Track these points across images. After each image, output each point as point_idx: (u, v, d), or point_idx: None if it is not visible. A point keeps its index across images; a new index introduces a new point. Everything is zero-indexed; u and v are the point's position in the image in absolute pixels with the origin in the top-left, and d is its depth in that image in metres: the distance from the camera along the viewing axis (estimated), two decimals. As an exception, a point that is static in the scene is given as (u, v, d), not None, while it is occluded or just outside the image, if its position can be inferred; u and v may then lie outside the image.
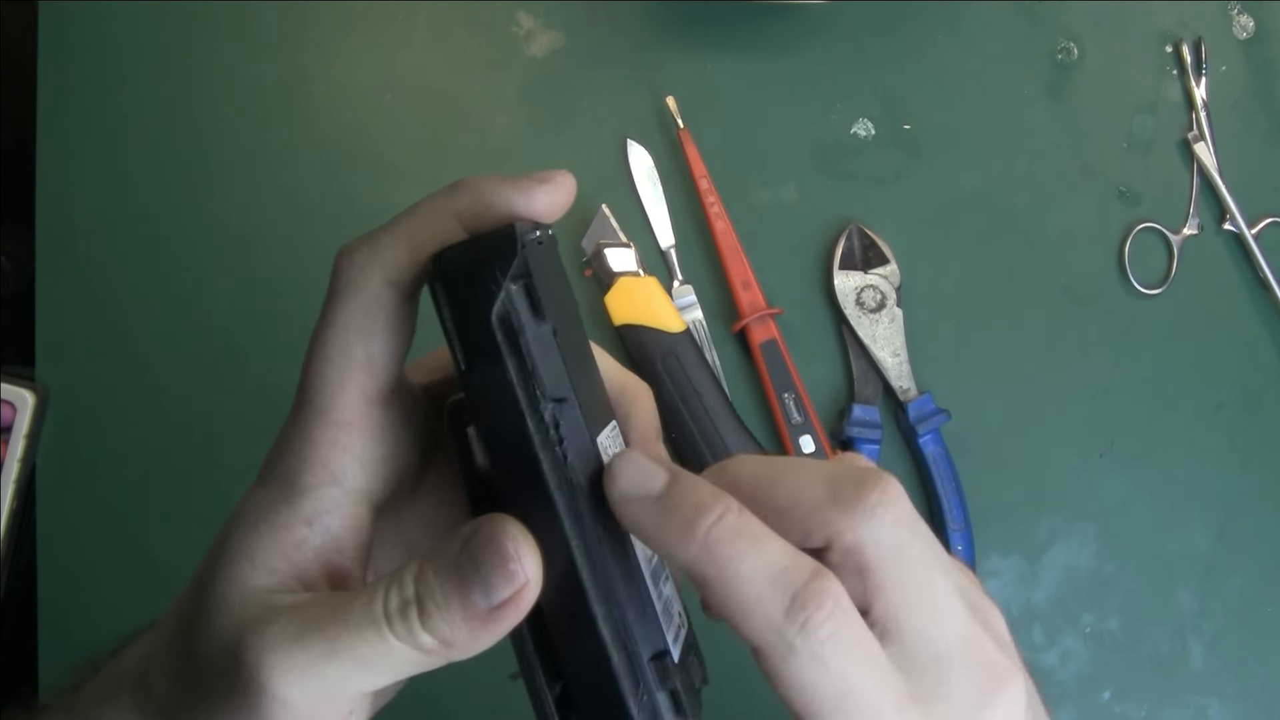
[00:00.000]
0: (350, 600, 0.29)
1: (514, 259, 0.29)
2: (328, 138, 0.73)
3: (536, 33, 0.74)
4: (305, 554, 0.31)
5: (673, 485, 0.30)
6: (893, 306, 0.71)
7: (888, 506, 0.30)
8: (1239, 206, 0.74)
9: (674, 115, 0.72)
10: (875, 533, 0.29)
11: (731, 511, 0.29)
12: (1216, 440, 0.73)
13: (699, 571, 0.29)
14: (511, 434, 0.29)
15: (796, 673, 0.28)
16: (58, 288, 0.70)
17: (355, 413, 0.32)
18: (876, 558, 0.29)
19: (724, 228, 0.71)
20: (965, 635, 0.30)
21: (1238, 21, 0.77)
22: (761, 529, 0.29)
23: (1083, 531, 0.71)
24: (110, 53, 0.73)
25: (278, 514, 0.31)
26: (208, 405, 0.69)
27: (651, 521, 0.30)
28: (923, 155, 0.74)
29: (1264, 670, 0.70)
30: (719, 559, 0.28)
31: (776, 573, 0.28)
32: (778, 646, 0.28)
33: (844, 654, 0.28)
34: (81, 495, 0.68)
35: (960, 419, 0.70)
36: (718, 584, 0.28)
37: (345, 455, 0.32)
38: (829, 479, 0.30)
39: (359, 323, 0.32)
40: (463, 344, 0.30)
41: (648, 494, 0.30)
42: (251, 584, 0.31)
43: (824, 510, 0.30)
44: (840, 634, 0.28)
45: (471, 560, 0.29)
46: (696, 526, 0.29)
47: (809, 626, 0.28)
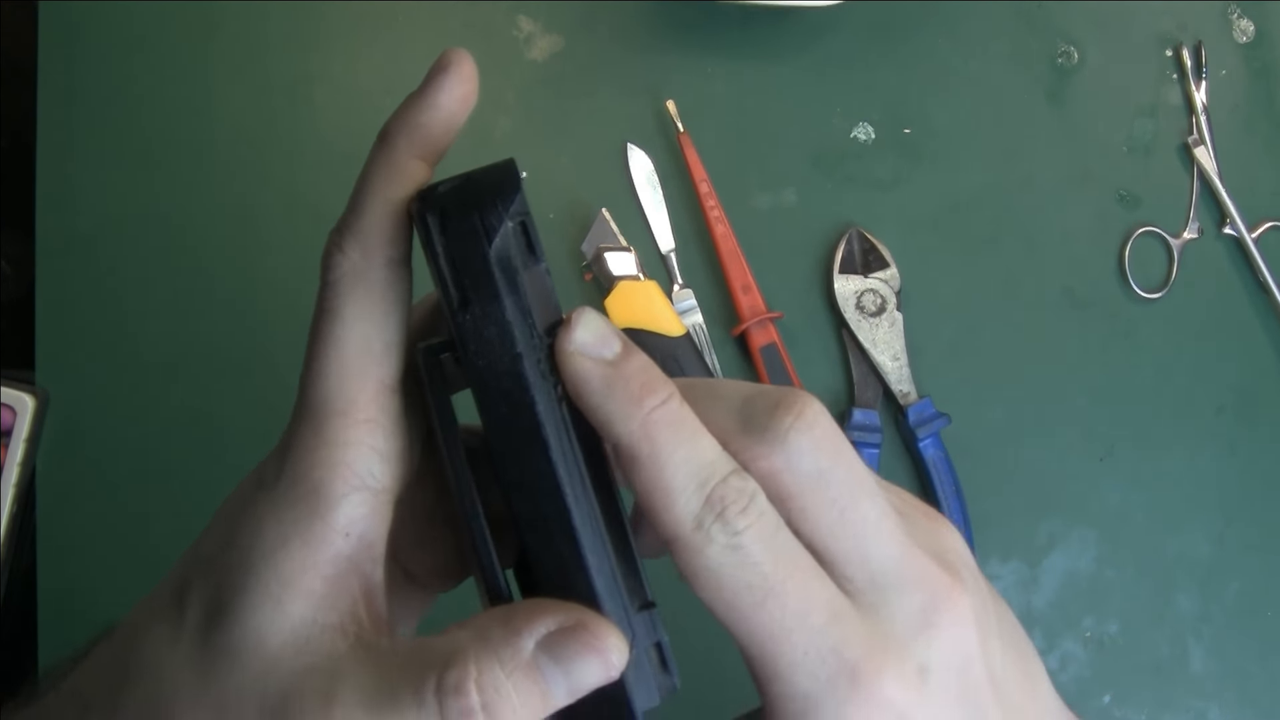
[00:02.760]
0: (395, 692, 0.27)
1: (517, 194, 0.29)
2: (329, 140, 0.73)
3: (537, 36, 0.74)
4: (341, 567, 0.29)
5: (626, 356, 0.29)
6: (893, 310, 0.71)
7: (803, 431, 0.29)
8: (1239, 210, 0.74)
9: (674, 119, 0.72)
10: (790, 459, 0.29)
11: (675, 398, 0.29)
12: (1216, 444, 0.73)
13: (633, 448, 0.28)
14: (507, 374, 0.29)
15: (712, 564, 0.27)
16: (58, 291, 0.70)
17: (376, 408, 0.30)
18: (794, 484, 0.29)
19: (724, 232, 0.71)
20: (898, 554, 0.29)
21: (1238, 25, 0.77)
22: (698, 424, 0.29)
23: (1083, 536, 0.71)
24: (111, 54, 0.73)
25: (310, 528, 0.29)
26: (208, 409, 0.69)
27: (599, 385, 0.29)
28: (923, 159, 0.74)
29: (1264, 674, 0.70)
30: (655, 440, 0.28)
31: (704, 464, 0.28)
32: (694, 537, 0.27)
33: (763, 547, 0.27)
34: (81, 499, 0.68)
35: (960, 423, 0.70)
36: (649, 465, 0.28)
37: (371, 455, 0.30)
38: (743, 403, 0.30)
39: (373, 313, 0.30)
40: (456, 282, 0.29)
41: (601, 355, 0.29)
42: (289, 613, 0.28)
43: (737, 438, 0.29)
44: (759, 526, 0.28)
45: (562, 665, 0.27)
46: (643, 403, 0.28)
47: (726, 516, 0.27)
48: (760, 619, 0.28)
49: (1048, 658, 0.70)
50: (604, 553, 0.29)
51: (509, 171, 0.29)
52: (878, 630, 0.28)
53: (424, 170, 0.32)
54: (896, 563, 0.29)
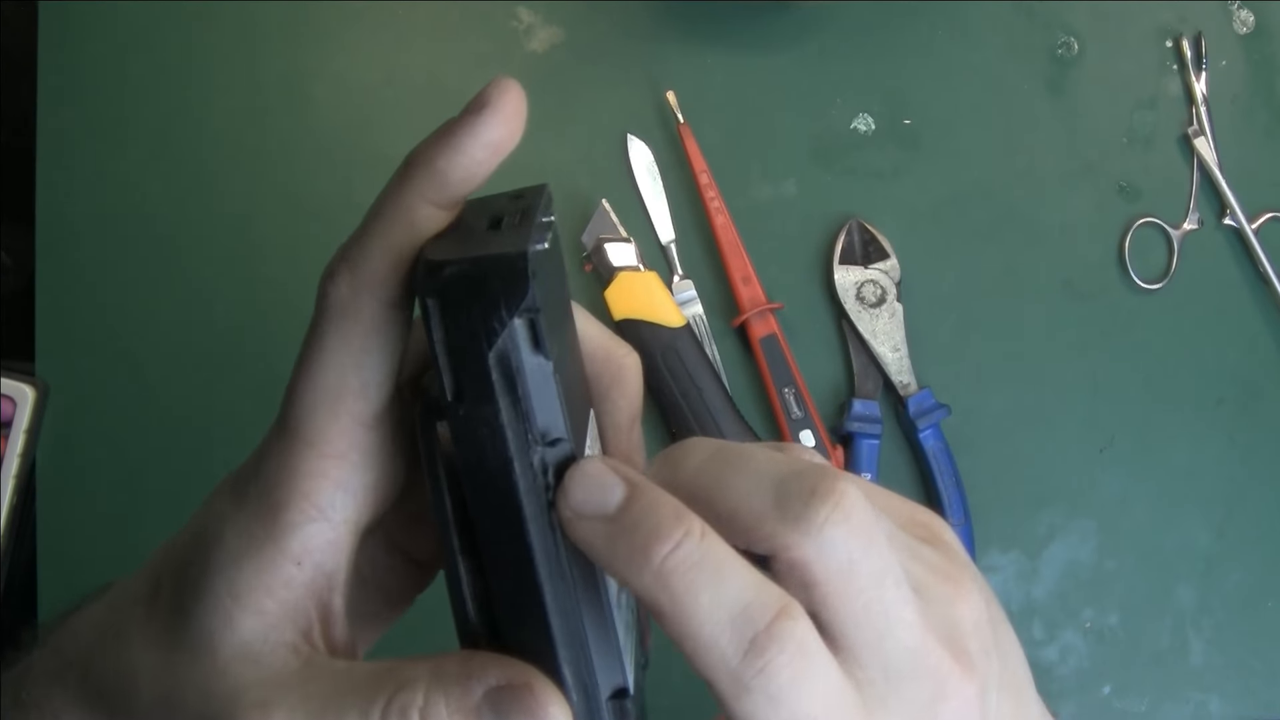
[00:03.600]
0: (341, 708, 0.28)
1: (524, 296, 0.26)
2: (328, 134, 0.73)
3: (536, 28, 0.74)
4: (295, 593, 0.29)
5: (629, 503, 0.28)
6: (893, 301, 0.71)
7: (838, 523, 0.27)
8: (1239, 201, 0.74)
9: (674, 110, 0.72)
10: (822, 550, 0.27)
11: (692, 536, 0.27)
12: (1217, 435, 0.73)
13: (654, 601, 0.27)
14: (496, 474, 0.28)
15: (750, 712, 0.26)
16: (58, 284, 0.70)
17: (345, 444, 0.29)
18: (824, 574, 0.28)
19: (724, 223, 0.71)
20: (914, 646, 0.28)
21: (1238, 16, 0.77)
22: (724, 556, 0.27)
23: (1083, 527, 0.71)
24: (110, 51, 0.73)
25: (262, 550, 0.29)
26: (207, 401, 0.70)
27: (603, 544, 0.27)
28: (923, 150, 0.74)
29: (1264, 665, 0.71)
30: (674, 591, 0.26)
31: (736, 611, 0.26)
32: (732, 687, 0.26)
33: (801, 694, 0.26)
34: (81, 490, 0.68)
35: (960, 414, 0.70)
36: (672, 618, 0.26)
37: (334, 489, 0.29)
38: (777, 485, 0.28)
39: (353, 349, 0.29)
40: (453, 374, 0.27)
41: (600, 513, 0.28)
42: (239, 628, 0.29)
43: (768, 523, 0.28)
44: (799, 678, 0.26)
45: (495, 714, 0.27)
46: (651, 554, 0.26)
47: (767, 672, 0.26)
48: None
49: (1048, 649, 0.70)
50: (576, 650, 0.28)
51: (518, 269, 0.26)
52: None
53: (437, 219, 0.30)
54: (910, 655, 0.28)
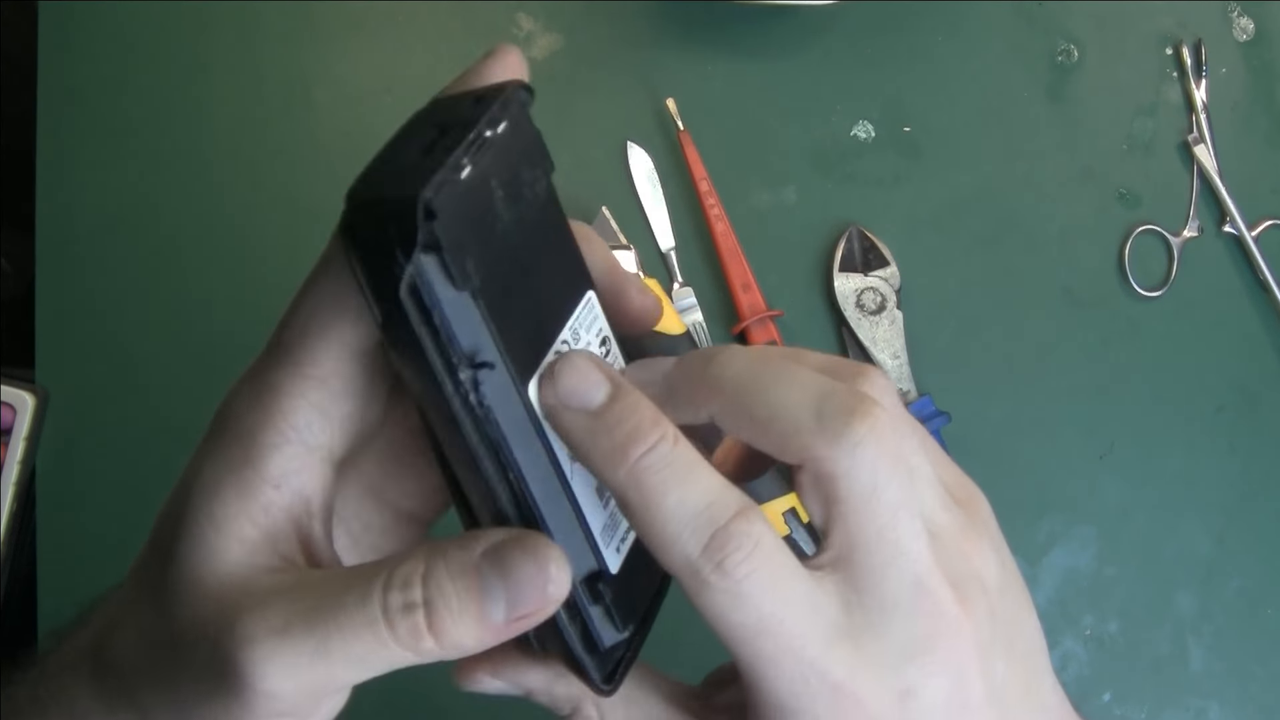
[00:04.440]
0: (341, 593, 0.28)
1: (416, 240, 0.26)
2: (328, 139, 0.73)
3: (536, 35, 0.74)
4: (275, 517, 0.29)
5: (611, 403, 0.29)
6: (893, 309, 0.71)
7: (871, 444, 0.28)
8: (1239, 209, 0.74)
9: (674, 117, 0.72)
10: (851, 468, 0.28)
11: (666, 440, 0.28)
12: (1217, 442, 0.73)
13: (623, 497, 0.28)
14: (427, 396, 0.28)
15: (711, 605, 0.27)
16: (58, 290, 0.70)
17: (330, 368, 0.29)
18: (846, 492, 0.28)
19: (724, 230, 0.71)
20: (919, 581, 0.29)
21: (1238, 24, 0.77)
22: (694, 461, 0.28)
23: (1083, 534, 0.71)
24: (110, 54, 0.73)
25: (240, 475, 0.29)
26: (207, 407, 0.69)
27: (582, 437, 0.28)
28: (923, 157, 0.74)
29: (1264, 672, 0.70)
30: (644, 489, 0.28)
31: (699, 509, 0.27)
32: (692, 581, 0.27)
33: (762, 591, 0.27)
34: (81, 497, 0.68)
35: (960, 421, 0.70)
36: (640, 513, 0.28)
37: (312, 410, 0.29)
38: (818, 399, 0.29)
39: (346, 297, 0.29)
40: (377, 304, 0.28)
41: (584, 406, 0.29)
42: (224, 557, 0.29)
43: (804, 435, 0.29)
44: (758, 573, 0.27)
45: (500, 570, 0.27)
46: (628, 453, 0.28)
47: (725, 566, 0.27)
48: (754, 648, 0.28)
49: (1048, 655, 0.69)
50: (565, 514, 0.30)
51: (408, 209, 0.26)
52: (869, 651, 0.28)
53: None
54: (911, 590, 0.29)
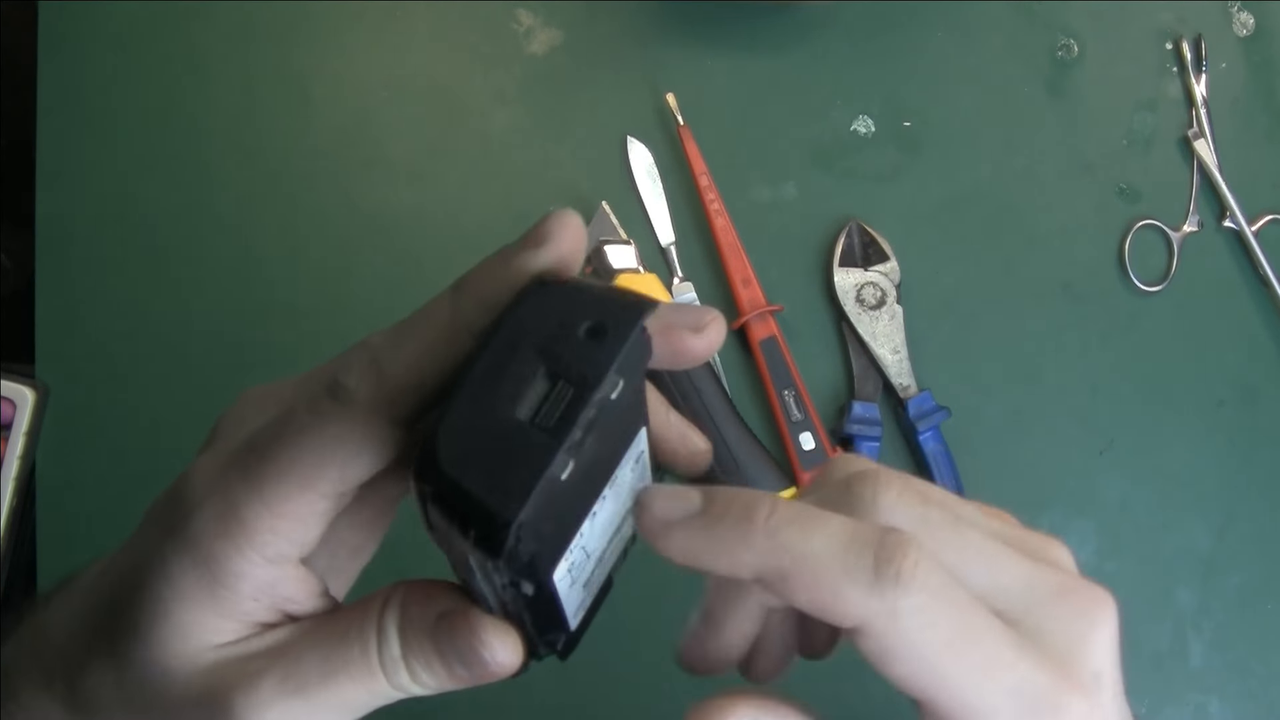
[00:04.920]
0: (344, 647, 0.29)
1: (500, 551, 0.25)
2: (327, 136, 0.73)
3: (536, 30, 0.74)
4: (258, 612, 0.29)
5: (710, 499, 0.28)
6: (893, 303, 0.71)
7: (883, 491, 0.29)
8: (1239, 203, 0.74)
9: (674, 112, 0.72)
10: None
11: (780, 500, 0.27)
12: (1216, 438, 0.73)
13: (772, 567, 0.27)
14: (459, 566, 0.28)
15: (908, 635, 0.26)
16: (57, 285, 0.70)
17: (306, 511, 0.28)
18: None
19: (724, 225, 0.71)
20: (1031, 572, 0.29)
21: (1238, 19, 0.77)
22: (815, 508, 0.28)
23: (1082, 529, 0.71)
24: (109, 52, 0.73)
25: (214, 595, 0.28)
26: (207, 403, 0.69)
27: (703, 538, 0.27)
28: (923, 152, 0.74)
29: (1264, 668, 0.70)
30: (789, 544, 0.26)
31: (848, 539, 0.26)
32: (880, 614, 0.26)
33: (946, 597, 0.26)
34: (81, 492, 0.68)
35: (960, 416, 0.70)
36: (796, 571, 0.26)
37: (284, 543, 0.28)
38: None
39: (348, 448, 0.28)
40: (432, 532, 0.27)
41: (688, 512, 0.28)
42: (207, 641, 0.29)
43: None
44: (933, 575, 0.26)
45: (448, 639, 0.28)
46: (755, 519, 0.27)
47: (902, 576, 0.26)
48: (956, 671, 0.27)
49: (1047, 651, 0.70)
50: None
51: (499, 529, 0.25)
52: (1051, 653, 0.28)
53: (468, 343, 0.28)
54: (1030, 581, 0.29)
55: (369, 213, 0.71)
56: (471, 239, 0.71)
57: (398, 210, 0.71)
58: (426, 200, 0.72)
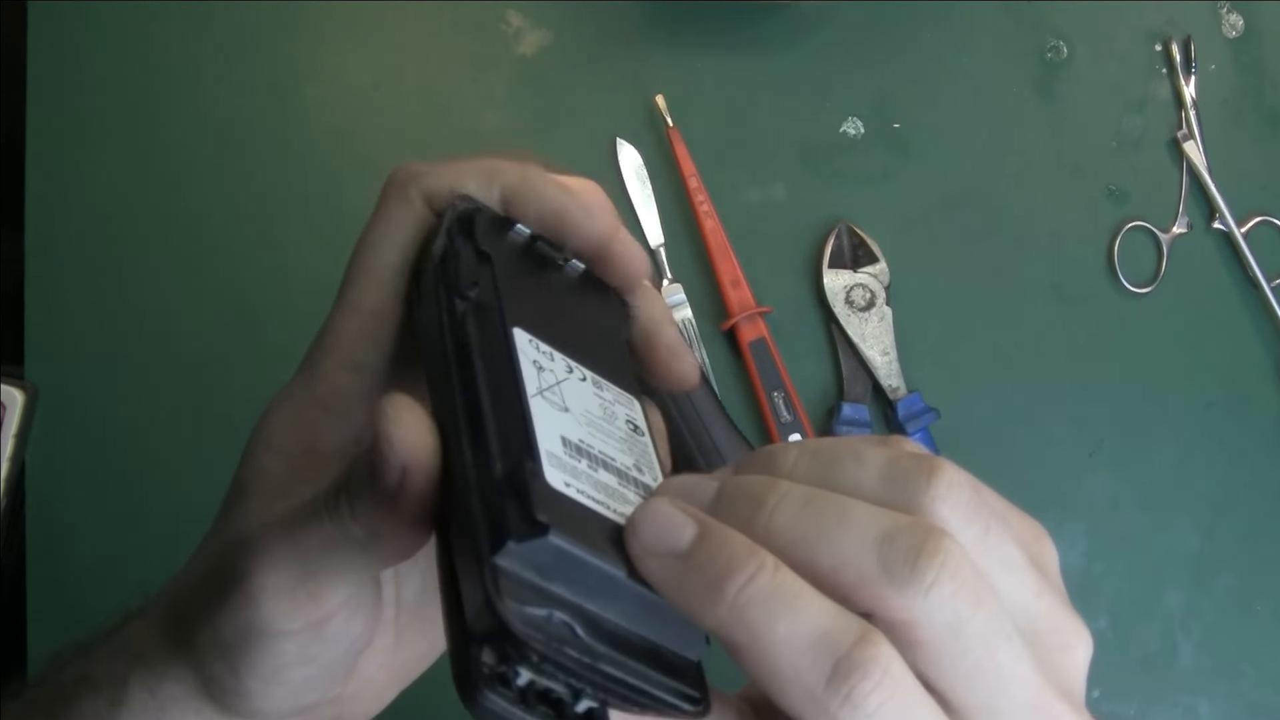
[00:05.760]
0: (311, 502, 0.31)
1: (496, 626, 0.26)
2: (316, 136, 0.73)
3: (525, 31, 0.74)
4: (322, 439, 0.34)
5: (700, 541, 0.27)
6: (882, 305, 0.71)
7: (946, 582, 0.26)
8: (1228, 205, 0.74)
9: (663, 114, 0.72)
10: (931, 613, 0.26)
11: (765, 570, 0.26)
12: (1206, 439, 0.73)
13: (730, 637, 0.26)
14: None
15: None
16: (47, 286, 0.70)
17: (383, 305, 0.34)
18: (930, 635, 0.26)
19: (713, 226, 0.71)
20: (1033, 704, 0.27)
21: (1227, 20, 0.77)
22: (799, 587, 0.26)
23: (1071, 530, 0.71)
24: (100, 52, 0.73)
25: (296, 398, 0.34)
26: (198, 404, 0.69)
27: (675, 581, 0.27)
28: (912, 154, 0.74)
29: (1253, 669, 0.71)
30: (750, 624, 0.25)
31: (816, 638, 0.25)
32: (819, 719, 0.25)
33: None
34: (71, 494, 0.68)
35: (949, 418, 0.70)
36: (749, 650, 0.25)
37: (368, 343, 0.34)
38: (882, 542, 0.26)
39: (401, 231, 0.35)
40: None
41: (671, 551, 0.27)
42: (269, 471, 0.34)
43: (872, 584, 0.26)
44: (890, 702, 0.25)
45: (381, 444, 0.29)
46: (725, 589, 0.26)
47: (853, 698, 0.24)
48: None
49: (1037, 652, 0.70)
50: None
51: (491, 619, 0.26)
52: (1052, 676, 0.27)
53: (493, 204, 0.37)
54: (1027, 714, 0.27)
55: (358, 214, 0.70)
56: (461, 240, 0.71)
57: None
58: (416, 201, 0.71)
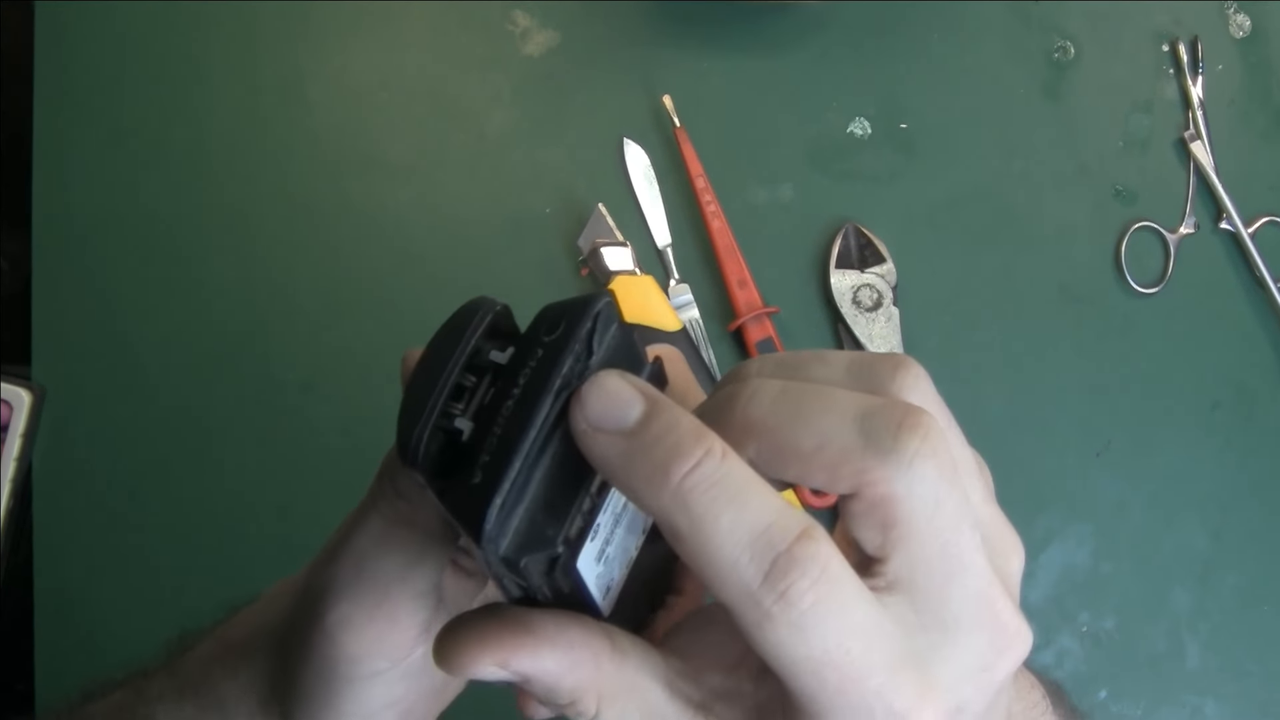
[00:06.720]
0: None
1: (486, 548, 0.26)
2: (324, 136, 0.73)
3: (532, 31, 0.74)
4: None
5: (647, 419, 0.26)
6: (889, 305, 0.71)
7: (927, 456, 0.26)
8: (1235, 205, 0.74)
9: (670, 114, 0.72)
10: (911, 486, 0.26)
11: (713, 455, 0.25)
12: (1213, 439, 0.73)
13: (670, 522, 0.25)
14: None
15: (771, 638, 0.25)
16: (54, 287, 0.70)
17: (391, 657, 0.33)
18: (908, 512, 0.26)
19: (720, 226, 0.71)
20: (981, 594, 0.27)
21: (1234, 20, 0.77)
22: (746, 477, 0.25)
23: (1079, 530, 0.71)
24: (106, 52, 0.73)
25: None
26: (204, 404, 0.69)
27: (619, 460, 0.26)
28: (919, 154, 0.74)
29: (1260, 669, 0.70)
30: (692, 512, 0.25)
31: (757, 532, 0.25)
32: (753, 613, 0.25)
33: (827, 623, 0.25)
34: (77, 493, 0.68)
35: (956, 417, 0.69)
36: (689, 539, 0.25)
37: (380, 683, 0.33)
38: (862, 418, 0.26)
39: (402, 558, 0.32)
40: None
41: (617, 427, 0.26)
42: None
43: (855, 459, 0.26)
44: (824, 602, 0.24)
45: None
46: (670, 472, 0.25)
47: (789, 596, 0.24)
48: (816, 680, 0.25)
49: (1044, 653, 0.70)
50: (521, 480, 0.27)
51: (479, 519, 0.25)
52: (933, 675, 0.26)
53: None
54: (974, 605, 0.27)
55: (366, 213, 0.71)
56: (468, 239, 0.71)
57: (394, 211, 0.71)
58: (423, 201, 0.72)
